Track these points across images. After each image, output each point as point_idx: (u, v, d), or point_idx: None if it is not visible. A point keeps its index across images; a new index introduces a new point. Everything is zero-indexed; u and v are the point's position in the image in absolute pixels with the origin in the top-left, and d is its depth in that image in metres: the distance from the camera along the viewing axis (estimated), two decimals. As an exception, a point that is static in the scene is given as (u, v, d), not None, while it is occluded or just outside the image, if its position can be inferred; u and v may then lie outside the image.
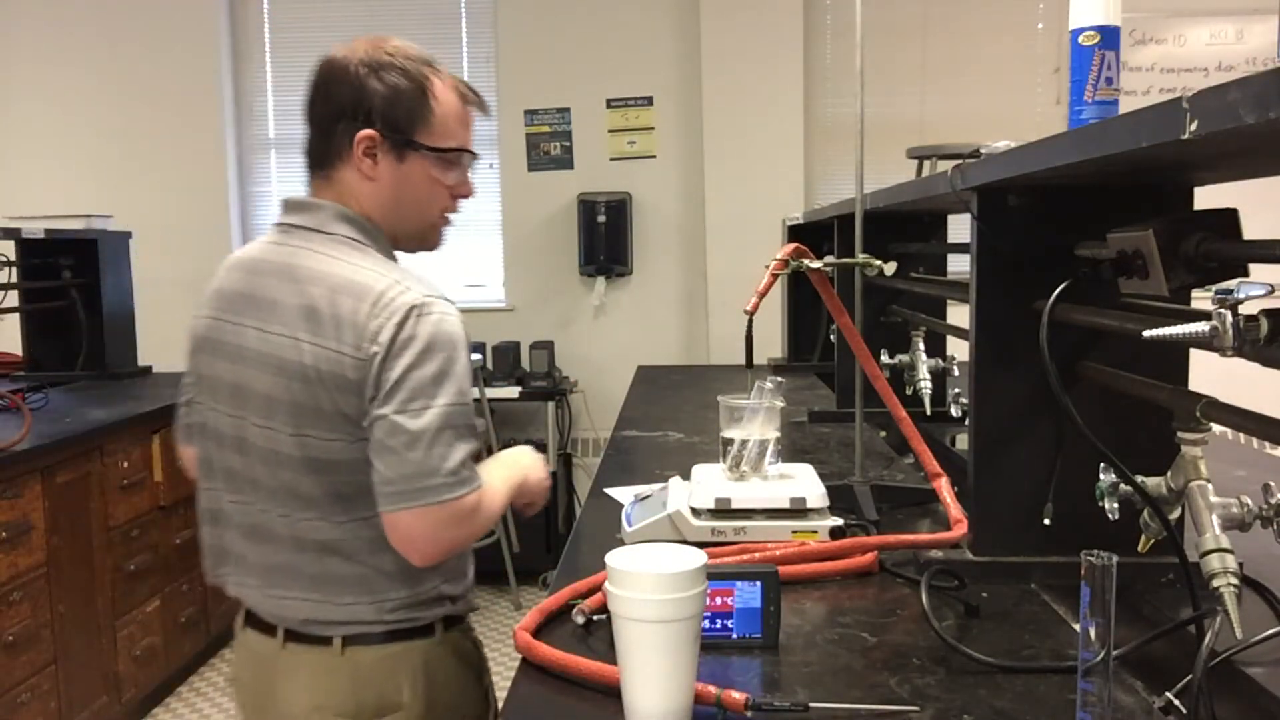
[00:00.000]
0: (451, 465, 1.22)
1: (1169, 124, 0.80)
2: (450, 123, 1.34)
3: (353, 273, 1.27)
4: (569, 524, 4.55)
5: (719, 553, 1.37)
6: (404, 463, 1.21)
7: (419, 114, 1.31)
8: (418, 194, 1.35)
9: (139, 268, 4.12)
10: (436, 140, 1.33)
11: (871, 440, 2.18)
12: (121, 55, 4.85)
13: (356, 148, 1.30)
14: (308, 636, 1.33)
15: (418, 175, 1.34)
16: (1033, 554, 1.37)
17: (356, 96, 1.30)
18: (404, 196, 1.34)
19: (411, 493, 1.21)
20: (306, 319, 1.25)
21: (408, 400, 1.21)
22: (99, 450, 3.00)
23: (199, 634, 3.61)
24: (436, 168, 1.34)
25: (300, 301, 1.26)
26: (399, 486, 1.21)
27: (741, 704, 0.98)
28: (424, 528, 1.23)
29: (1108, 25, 1.18)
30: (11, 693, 2.57)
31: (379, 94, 1.30)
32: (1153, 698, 1.00)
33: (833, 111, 4.75)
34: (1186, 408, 1.04)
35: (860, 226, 1.88)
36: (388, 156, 1.32)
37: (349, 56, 1.32)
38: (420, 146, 1.32)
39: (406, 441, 1.21)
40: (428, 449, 1.21)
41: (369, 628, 1.31)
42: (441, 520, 1.23)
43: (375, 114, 1.30)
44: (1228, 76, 0.71)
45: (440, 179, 1.35)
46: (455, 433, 1.23)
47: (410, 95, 1.31)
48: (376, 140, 1.31)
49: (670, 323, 4.84)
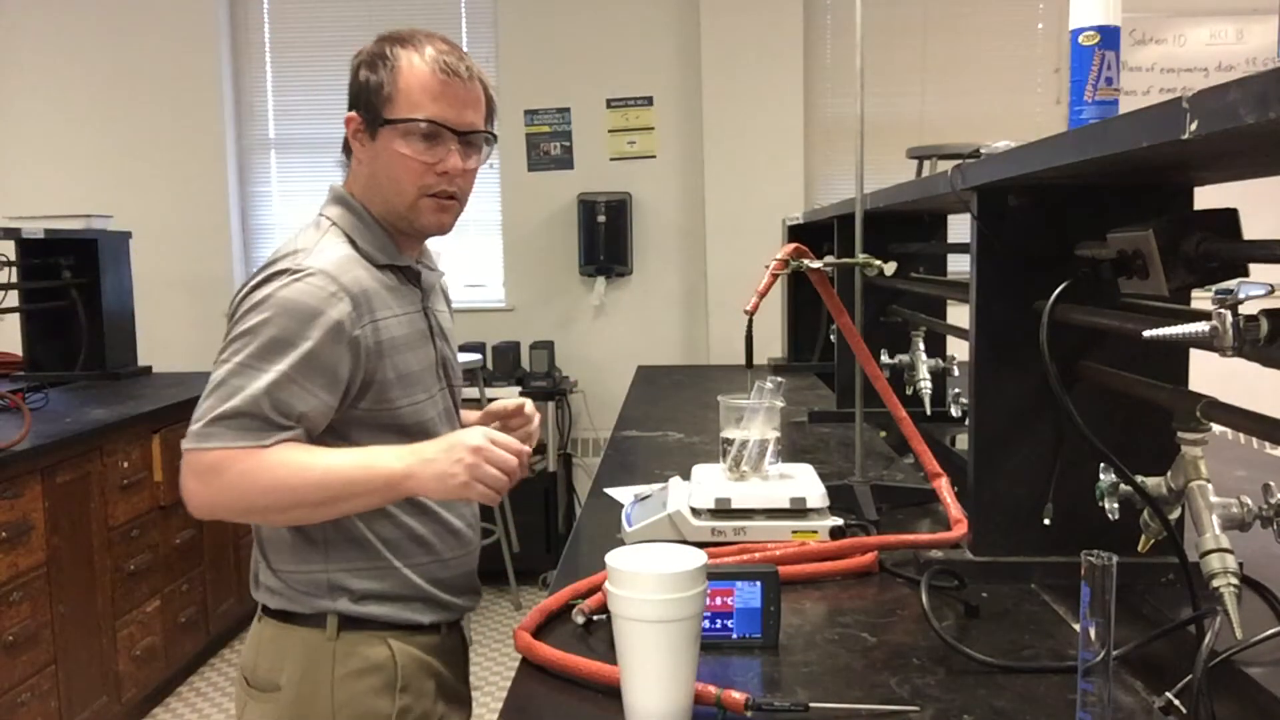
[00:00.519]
0: (202, 416, 1.21)
1: (1169, 124, 0.80)
2: (415, 94, 1.31)
3: (284, 244, 1.36)
4: (569, 524, 4.55)
5: (719, 553, 1.37)
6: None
7: (385, 89, 1.32)
8: (391, 170, 1.34)
9: (139, 268, 4.12)
10: (400, 112, 1.32)
11: (871, 440, 2.18)
12: (122, 55, 4.85)
13: (348, 131, 1.38)
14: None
15: (387, 150, 1.33)
16: (1033, 554, 1.37)
17: (351, 88, 1.38)
18: (379, 175, 1.35)
19: (186, 436, 1.24)
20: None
21: (220, 351, 1.26)
22: (99, 450, 3.00)
23: (199, 634, 3.61)
24: (403, 142, 1.32)
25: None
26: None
27: (741, 704, 0.98)
28: (183, 470, 1.24)
29: (1108, 25, 1.18)
30: (11, 693, 2.57)
31: (359, 79, 1.36)
32: (1153, 698, 1.00)
33: (833, 111, 4.75)
34: (1186, 408, 1.04)
35: (860, 226, 1.88)
36: (364, 136, 1.36)
37: (359, 52, 1.38)
38: (386, 121, 1.32)
39: (204, 389, 1.25)
40: (205, 397, 1.23)
41: (264, 598, 1.37)
42: (186, 467, 1.23)
43: (357, 98, 1.36)
44: (1228, 76, 0.71)
45: (408, 153, 1.32)
46: (229, 389, 1.21)
47: (379, 73, 1.33)
48: (357, 121, 1.36)
49: (670, 323, 4.84)
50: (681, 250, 4.76)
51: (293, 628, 1.33)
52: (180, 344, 4.79)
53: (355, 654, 1.32)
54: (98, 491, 2.99)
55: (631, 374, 3.67)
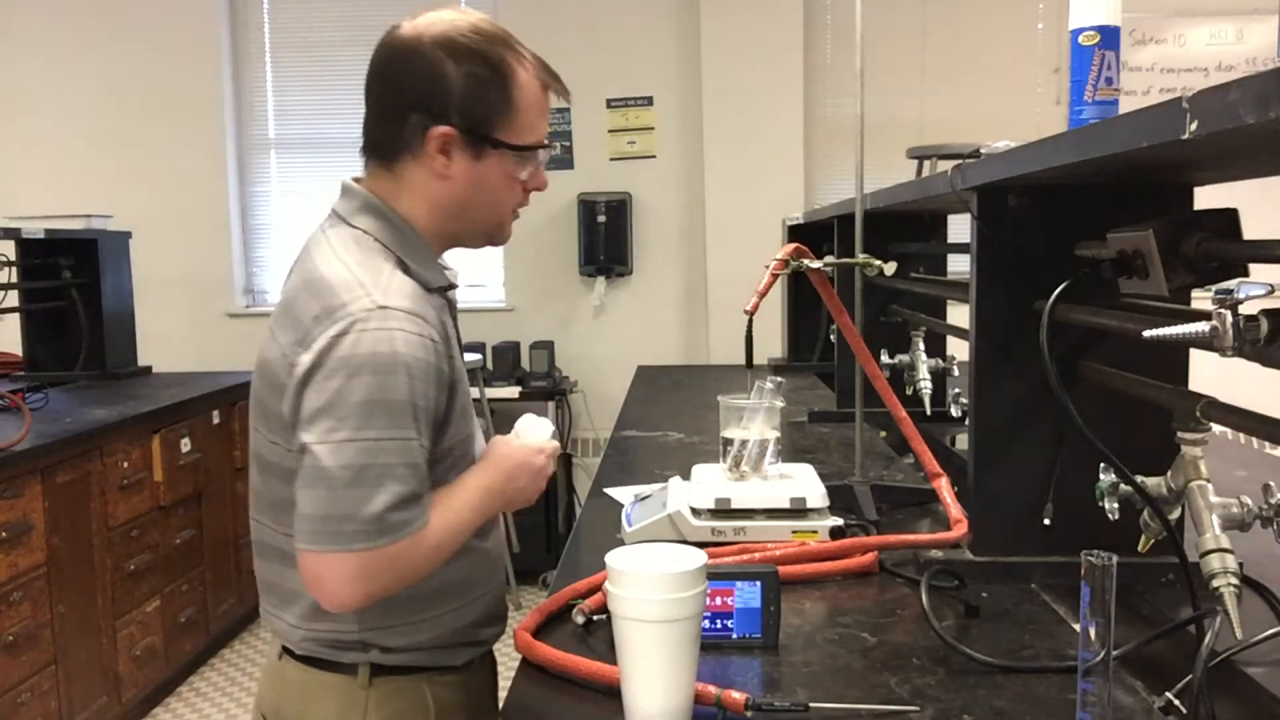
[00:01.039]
0: (373, 511, 1.05)
1: (1169, 124, 0.80)
2: (533, 114, 1.21)
3: (329, 269, 1.14)
4: (569, 524, 4.55)
5: (719, 553, 1.37)
6: (318, 500, 1.06)
7: (500, 108, 1.18)
8: (494, 194, 1.22)
9: (139, 268, 4.12)
10: (518, 137, 1.20)
11: (871, 440, 2.18)
12: (122, 55, 4.85)
13: (430, 144, 1.17)
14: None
15: (495, 174, 1.21)
16: (1033, 554, 1.37)
17: (432, 86, 1.16)
18: (479, 196, 1.22)
19: (323, 535, 1.06)
20: (282, 311, 1.17)
21: (330, 430, 1.07)
22: (99, 450, 3.00)
23: (199, 634, 3.61)
24: (517, 167, 1.22)
25: (285, 294, 1.19)
26: (312, 526, 1.07)
27: (741, 704, 0.98)
28: (333, 575, 1.07)
29: (1108, 25, 1.18)
30: (11, 693, 2.57)
31: (457, 85, 1.16)
32: (1153, 698, 1.00)
33: (833, 111, 4.75)
34: (1186, 408, 1.04)
35: (860, 226, 1.88)
36: (464, 154, 1.18)
37: (421, 35, 1.17)
38: (500, 144, 1.19)
39: (324, 477, 1.06)
40: (346, 489, 1.06)
41: (290, 644, 1.24)
42: (354, 570, 1.06)
43: (452, 108, 1.16)
44: (1228, 76, 0.71)
45: (518, 176, 1.23)
46: (382, 470, 1.06)
47: (492, 87, 1.17)
48: (453, 138, 1.17)
49: (670, 323, 4.84)
50: (681, 250, 4.76)
51: (321, 673, 1.22)
52: (180, 344, 4.79)
53: (389, 702, 1.22)
54: (98, 491, 2.99)
55: (631, 374, 3.67)
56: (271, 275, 5.13)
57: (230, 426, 3.82)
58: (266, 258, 5.12)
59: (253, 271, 5.13)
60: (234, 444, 3.84)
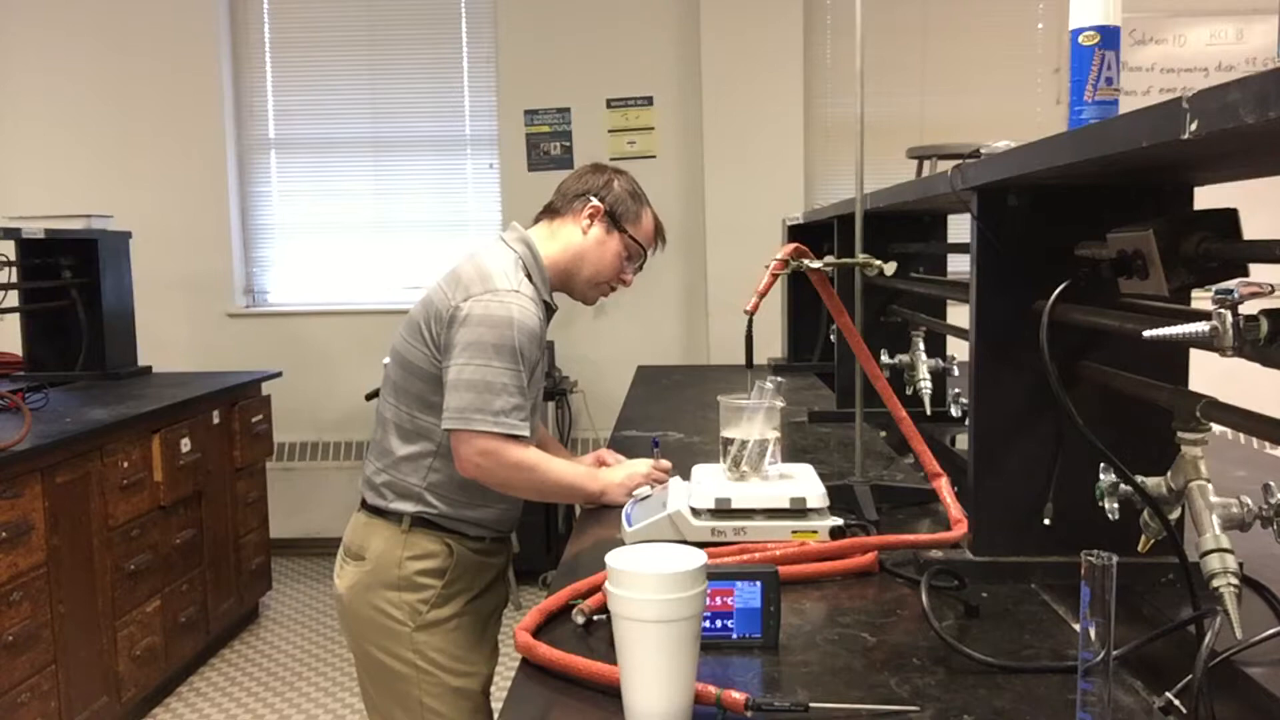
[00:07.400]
0: (496, 408, 1.70)
1: (1169, 124, 0.80)
2: (647, 232, 1.97)
3: (489, 261, 1.83)
4: (569, 524, 4.54)
5: (719, 553, 1.37)
6: (462, 400, 1.71)
7: (633, 217, 1.93)
8: (604, 261, 1.92)
9: (139, 268, 4.12)
10: (639, 236, 1.94)
11: (871, 440, 2.18)
12: (122, 55, 4.85)
13: (584, 209, 1.91)
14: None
15: (613, 247, 1.92)
16: (1033, 554, 1.36)
17: (603, 188, 1.92)
18: (597, 255, 1.91)
19: (463, 418, 1.71)
20: (451, 277, 1.83)
21: (472, 357, 1.72)
22: (99, 450, 3.00)
23: (199, 634, 3.61)
24: (626, 250, 1.93)
25: (454, 268, 1.86)
26: (459, 414, 1.71)
27: (741, 704, 0.98)
28: (465, 449, 1.72)
29: (1108, 25, 1.18)
30: (11, 693, 2.57)
31: (616, 190, 1.93)
32: (1153, 698, 1.00)
33: (833, 111, 4.75)
34: (1186, 408, 1.04)
35: (860, 226, 1.88)
36: (602, 225, 1.91)
37: (612, 173, 1.95)
38: (625, 232, 1.92)
39: (468, 385, 1.71)
40: (479, 394, 1.70)
41: (365, 493, 1.91)
42: (480, 448, 1.71)
43: (608, 200, 1.92)
44: (1228, 76, 0.71)
45: (623, 259, 1.93)
46: (501, 387, 1.71)
47: (632, 202, 1.94)
48: (600, 212, 1.91)
49: (670, 323, 4.84)
50: (681, 250, 4.76)
51: (378, 519, 1.87)
52: (180, 344, 4.80)
53: (418, 544, 1.84)
54: (98, 491, 2.99)
55: (631, 374, 3.67)
56: (271, 275, 5.13)
57: (230, 426, 3.82)
58: (266, 258, 5.12)
59: (253, 272, 5.13)
60: (234, 444, 3.84)
